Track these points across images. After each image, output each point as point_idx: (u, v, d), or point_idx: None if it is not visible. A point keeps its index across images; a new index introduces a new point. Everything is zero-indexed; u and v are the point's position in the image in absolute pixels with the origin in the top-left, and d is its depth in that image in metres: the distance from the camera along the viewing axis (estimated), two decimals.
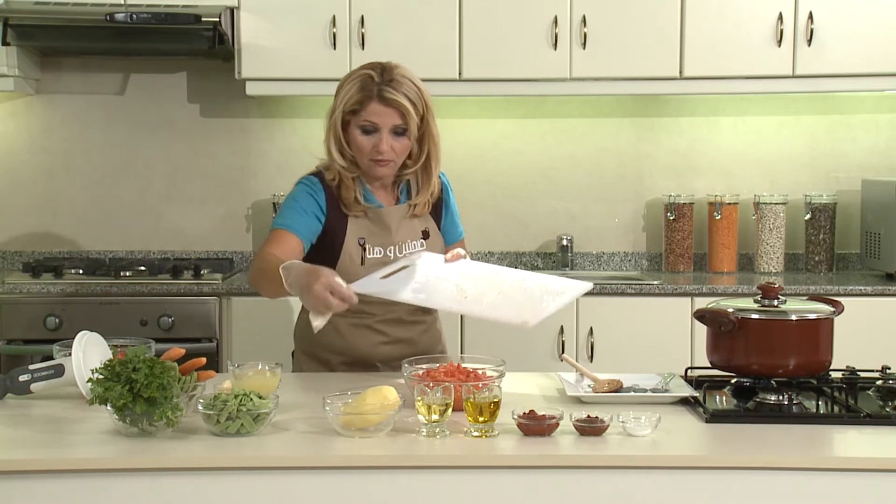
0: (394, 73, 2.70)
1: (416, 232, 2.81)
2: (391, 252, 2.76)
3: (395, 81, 2.68)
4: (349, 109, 2.68)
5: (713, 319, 2.44)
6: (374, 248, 2.75)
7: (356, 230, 2.75)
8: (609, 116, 4.64)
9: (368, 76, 2.68)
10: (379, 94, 2.65)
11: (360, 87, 2.67)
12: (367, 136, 2.68)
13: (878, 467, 2.05)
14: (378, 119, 2.66)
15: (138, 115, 4.63)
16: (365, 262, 2.74)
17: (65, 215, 4.64)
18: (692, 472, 2.07)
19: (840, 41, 4.17)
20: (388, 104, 2.66)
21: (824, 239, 4.48)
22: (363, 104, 2.66)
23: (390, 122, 2.67)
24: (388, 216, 2.77)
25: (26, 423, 2.28)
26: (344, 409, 2.17)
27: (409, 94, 2.68)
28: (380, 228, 2.76)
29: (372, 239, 2.76)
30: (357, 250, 2.74)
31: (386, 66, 2.71)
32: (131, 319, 3.98)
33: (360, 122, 2.68)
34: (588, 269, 4.62)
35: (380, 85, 2.66)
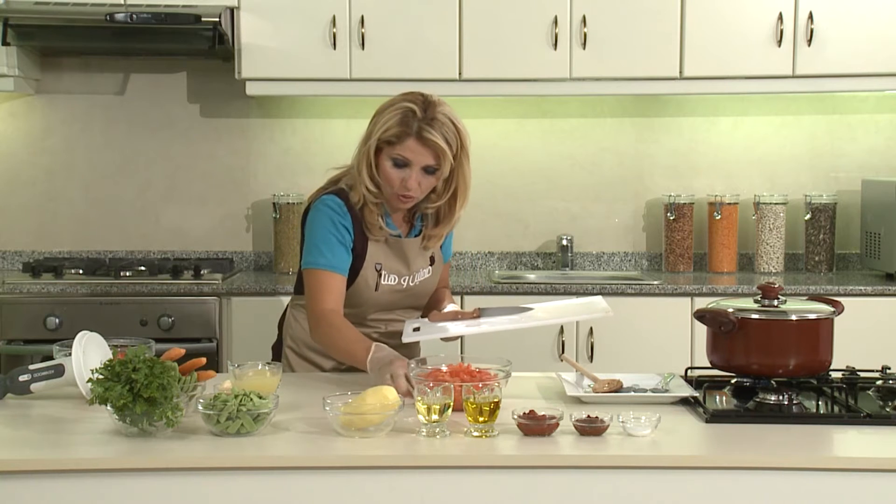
0: (436, 111, 2.63)
1: (426, 259, 2.83)
2: (405, 281, 2.77)
3: (437, 121, 2.62)
4: (385, 139, 2.64)
5: (713, 319, 2.44)
6: (389, 276, 2.75)
7: (374, 255, 2.74)
8: (609, 116, 4.64)
9: (411, 110, 2.62)
10: (418, 131, 2.61)
11: (401, 121, 2.62)
12: (397, 168, 2.64)
13: (878, 467, 2.05)
14: (412, 156, 2.62)
15: (138, 115, 4.63)
16: (379, 287, 2.74)
17: (65, 215, 4.64)
18: (692, 473, 2.06)
19: (840, 41, 4.17)
20: (426, 144, 2.61)
21: (824, 239, 4.48)
22: (400, 138, 2.62)
23: (423, 161, 2.63)
24: (407, 247, 2.77)
25: (26, 423, 2.28)
26: (344, 409, 2.17)
27: (447, 135, 2.63)
28: (398, 257, 2.76)
29: (388, 266, 2.75)
30: (373, 275, 2.73)
31: (429, 102, 2.65)
32: (131, 319, 3.98)
33: (393, 153, 2.63)
34: (588, 269, 4.62)
35: (420, 122, 2.61)
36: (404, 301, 2.81)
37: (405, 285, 2.77)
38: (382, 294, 2.75)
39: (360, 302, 2.75)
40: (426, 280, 2.83)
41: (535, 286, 4.09)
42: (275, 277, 4.34)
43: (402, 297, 2.80)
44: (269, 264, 4.61)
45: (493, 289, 4.07)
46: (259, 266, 4.63)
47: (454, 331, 2.63)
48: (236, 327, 4.04)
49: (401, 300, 2.80)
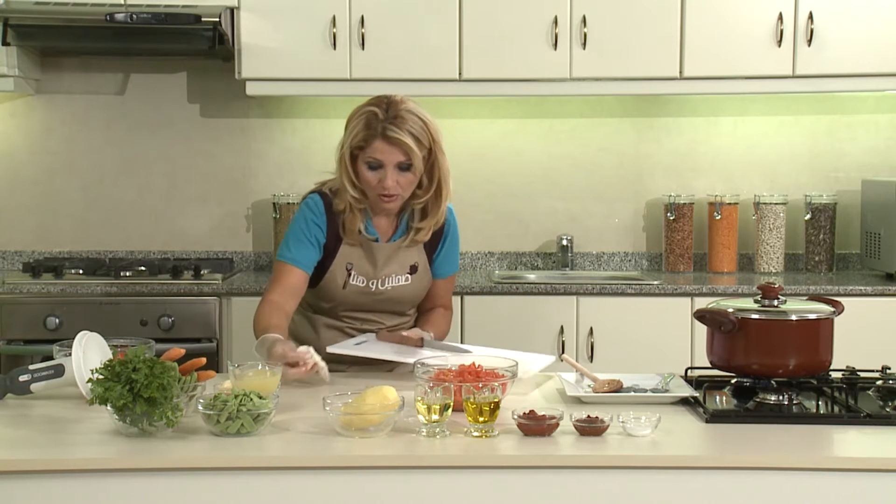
0: (399, 108, 2.71)
1: (404, 266, 2.86)
2: (373, 284, 2.83)
3: (400, 118, 2.70)
4: (356, 145, 2.73)
5: (713, 319, 2.44)
6: (358, 276, 2.82)
7: (346, 255, 2.82)
8: (609, 116, 4.64)
9: (373, 113, 2.71)
10: (383, 132, 2.69)
11: (366, 125, 2.71)
12: (372, 171, 2.73)
13: (878, 467, 2.05)
14: (382, 156, 2.71)
15: (138, 116, 4.63)
16: (347, 286, 2.81)
17: (65, 215, 4.64)
18: (692, 473, 2.07)
19: (840, 41, 4.17)
20: (392, 142, 2.69)
21: (824, 239, 4.48)
22: (368, 141, 2.71)
23: (394, 160, 2.71)
24: (378, 251, 2.83)
25: (26, 424, 2.28)
26: (344, 409, 2.17)
27: (413, 130, 2.71)
28: (368, 260, 2.83)
29: (358, 267, 2.82)
30: (342, 274, 2.81)
31: (391, 102, 2.73)
32: (131, 319, 3.98)
33: (365, 157, 2.72)
34: (588, 269, 4.62)
35: (384, 122, 2.69)
36: (375, 305, 2.86)
37: (373, 288, 2.83)
38: (350, 293, 2.82)
39: (331, 297, 2.83)
40: (402, 287, 2.86)
41: (535, 286, 4.09)
42: None
43: (372, 301, 2.85)
44: (269, 264, 4.60)
45: (493, 289, 4.07)
46: (259, 266, 4.63)
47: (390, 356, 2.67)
48: (236, 327, 4.04)
49: (371, 303, 2.86)
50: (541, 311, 4.07)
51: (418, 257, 2.88)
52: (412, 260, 2.87)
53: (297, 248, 2.79)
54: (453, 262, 2.97)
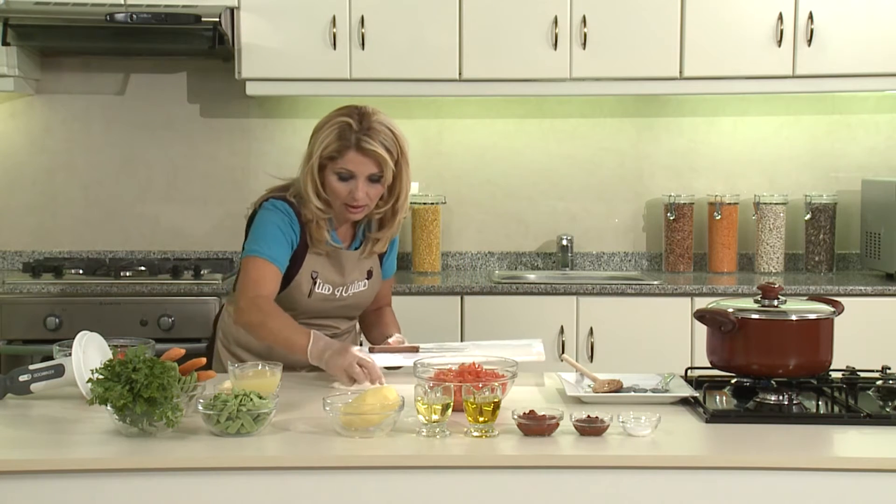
0: (371, 120, 2.70)
1: (363, 272, 2.88)
2: (338, 292, 2.83)
3: (373, 130, 2.69)
4: (327, 155, 2.70)
5: (713, 319, 2.44)
6: (323, 285, 2.81)
7: (312, 263, 2.80)
8: (609, 116, 4.64)
9: (347, 124, 2.69)
10: (357, 143, 2.68)
11: (339, 136, 2.69)
12: (343, 182, 2.71)
13: (878, 467, 2.05)
14: (355, 168, 2.69)
15: (138, 116, 4.63)
16: (312, 295, 2.80)
17: (65, 215, 4.64)
18: (692, 473, 2.07)
19: (840, 41, 4.17)
20: (366, 154, 2.68)
21: (824, 239, 4.48)
22: (341, 152, 2.69)
23: (367, 171, 2.70)
24: (345, 259, 2.83)
25: (26, 424, 2.28)
26: (344, 409, 2.17)
27: (385, 142, 2.70)
28: (335, 268, 2.82)
29: (324, 275, 2.81)
30: (308, 282, 2.80)
31: (364, 113, 2.71)
32: (131, 319, 3.98)
33: (336, 168, 2.70)
34: (588, 269, 4.62)
35: (358, 133, 2.68)
36: (336, 311, 2.88)
37: (338, 295, 2.84)
38: (314, 301, 2.82)
39: (292, 307, 2.79)
40: (360, 293, 2.88)
41: (535, 286, 4.10)
42: None
43: (333, 307, 2.86)
44: None
45: (493, 289, 4.07)
46: None
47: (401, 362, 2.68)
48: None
49: (332, 310, 2.86)
50: (541, 311, 4.07)
51: (373, 263, 2.91)
52: (368, 266, 2.89)
53: (275, 246, 2.73)
54: (394, 263, 3.02)
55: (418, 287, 4.10)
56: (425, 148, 4.61)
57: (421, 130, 4.62)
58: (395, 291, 3.19)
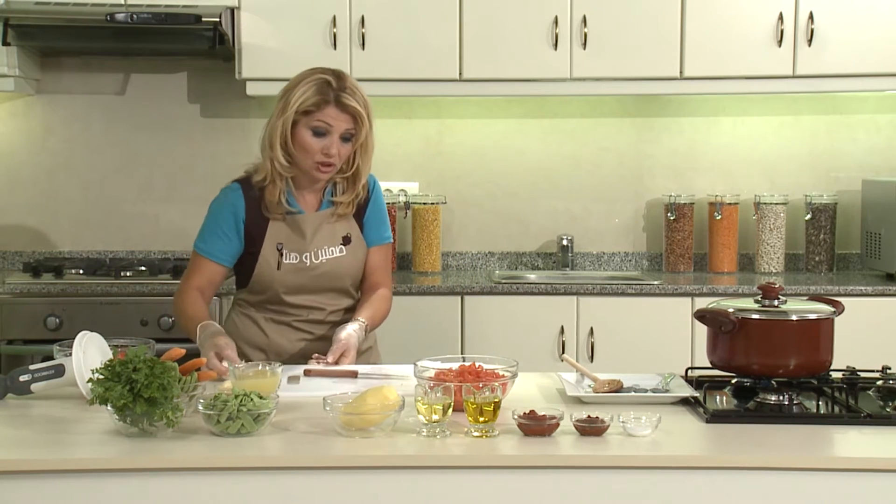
0: (348, 81, 2.77)
1: (335, 237, 2.86)
2: (307, 258, 2.83)
3: (350, 89, 2.75)
4: (303, 110, 2.73)
5: (713, 319, 2.44)
6: (290, 254, 2.82)
7: (274, 235, 2.82)
8: (609, 116, 4.64)
9: (325, 81, 2.74)
10: (336, 98, 2.73)
11: (318, 90, 2.73)
12: (317, 137, 2.74)
13: (878, 467, 2.05)
14: (333, 122, 2.73)
15: (139, 116, 4.63)
16: (281, 266, 2.81)
17: (65, 215, 4.64)
18: (693, 473, 2.06)
19: (840, 41, 4.17)
20: (345, 110, 2.73)
21: (825, 239, 4.48)
22: (319, 106, 2.73)
23: (343, 127, 2.74)
24: (305, 223, 2.83)
25: (27, 424, 2.28)
26: (344, 409, 2.17)
27: (360, 102, 2.75)
28: (297, 234, 2.83)
29: (289, 244, 2.82)
30: (274, 255, 2.81)
31: (340, 74, 2.78)
32: (132, 319, 3.98)
33: (312, 122, 2.73)
34: (588, 269, 4.62)
35: (337, 91, 2.73)
36: (314, 284, 2.84)
37: (308, 263, 2.82)
38: (286, 274, 2.81)
39: (267, 284, 2.83)
40: (337, 260, 2.85)
41: (535, 286, 4.09)
42: None
43: (310, 278, 2.83)
44: None
45: (493, 289, 4.07)
46: None
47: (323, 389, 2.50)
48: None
49: (311, 281, 2.83)
50: (541, 312, 4.07)
51: (350, 228, 2.88)
52: (343, 231, 2.87)
53: (210, 239, 2.86)
54: (382, 228, 2.95)
55: (418, 287, 4.10)
56: (425, 148, 4.61)
57: (421, 130, 4.62)
58: (395, 292, 3.17)
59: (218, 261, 2.86)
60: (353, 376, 2.64)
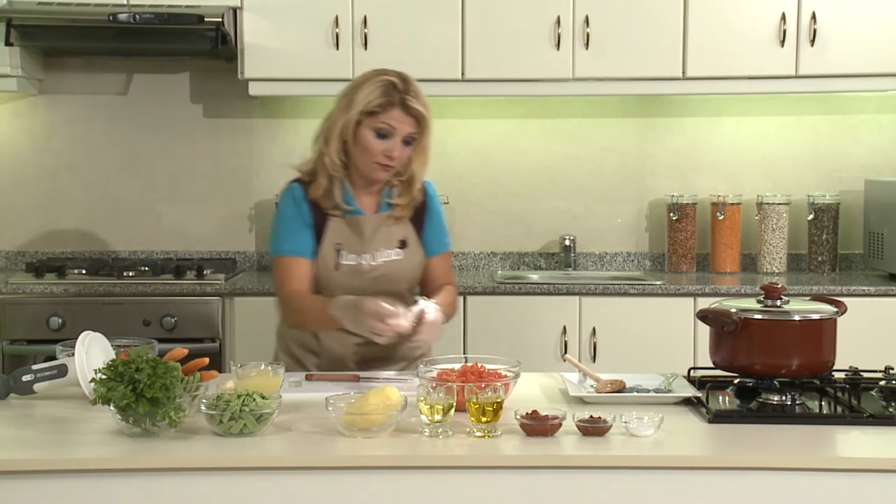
0: (412, 84, 2.75)
1: (392, 240, 2.84)
2: (365, 260, 2.80)
3: (415, 92, 2.74)
4: (367, 111, 2.71)
5: (716, 320, 2.44)
6: (348, 255, 2.80)
7: (333, 235, 2.80)
8: (612, 116, 4.64)
9: (391, 83, 2.72)
10: (402, 101, 2.71)
11: (384, 92, 2.71)
12: (380, 139, 2.72)
13: (880, 468, 2.05)
14: (397, 125, 2.71)
15: (141, 116, 4.63)
16: (339, 267, 2.79)
17: (68, 215, 4.64)
18: (695, 473, 2.07)
19: (843, 41, 4.17)
20: (409, 112, 2.71)
21: (827, 239, 4.48)
22: (385, 108, 2.71)
23: (406, 130, 2.72)
24: (364, 224, 2.81)
25: (29, 424, 2.29)
26: (347, 409, 2.17)
27: (424, 106, 2.74)
28: (355, 235, 2.81)
29: (348, 245, 2.80)
30: (332, 255, 2.79)
31: (405, 77, 2.76)
32: (134, 320, 3.98)
33: (376, 124, 2.71)
34: (591, 269, 4.62)
35: (402, 94, 2.71)
36: (372, 285, 2.78)
37: (365, 265, 2.79)
38: (344, 275, 2.78)
39: (323, 285, 2.79)
40: (395, 263, 2.83)
41: (537, 286, 4.09)
42: None
43: (367, 281, 2.79)
44: None
45: (495, 289, 4.07)
46: (262, 266, 4.63)
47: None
48: (239, 327, 4.04)
49: (367, 284, 2.78)
50: (543, 312, 4.07)
51: (406, 232, 2.86)
52: (400, 235, 2.85)
53: (291, 237, 2.78)
54: (442, 237, 2.94)
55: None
56: None
57: None
58: None
59: (306, 256, 2.77)
60: (354, 380, 2.65)
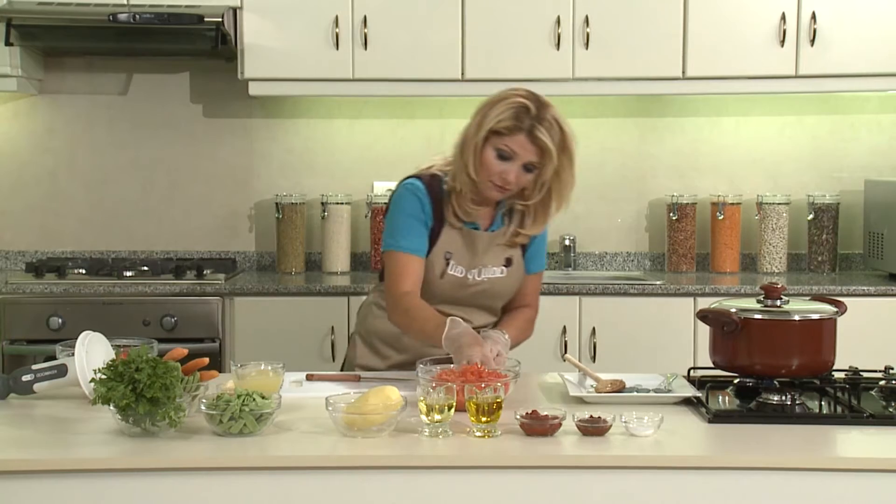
0: (548, 111, 2.67)
1: (499, 258, 2.80)
2: (472, 275, 2.77)
3: (548, 122, 2.66)
4: (495, 129, 2.65)
5: (716, 319, 2.44)
6: (456, 266, 2.76)
7: (446, 243, 2.75)
8: (612, 116, 4.64)
9: (524, 106, 2.64)
10: (530, 128, 2.64)
11: (514, 115, 2.64)
12: (500, 160, 2.66)
13: (880, 468, 2.05)
14: (519, 150, 2.65)
15: (141, 116, 4.63)
16: (444, 276, 2.75)
17: (68, 215, 4.64)
18: (695, 473, 2.06)
19: (843, 41, 4.17)
20: (534, 142, 2.64)
21: (827, 239, 4.48)
22: (511, 131, 2.64)
23: (527, 158, 2.66)
24: (478, 239, 2.77)
25: (29, 424, 2.28)
26: (346, 409, 2.17)
27: (554, 138, 2.67)
28: (467, 248, 2.77)
29: (457, 256, 2.76)
30: (440, 263, 2.75)
31: (542, 102, 2.68)
32: (134, 319, 3.98)
33: (500, 144, 2.65)
34: (591, 269, 4.62)
35: (533, 120, 2.64)
36: (471, 298, 2.78)
37: (470, 279, 2.77)
38: (446, 284, 2.75)
39: (426, 289, 2.75)
40: (497, 280, 2.80)
41: None
42: (277, 277, 4.34)
43: (468, 294, 2.78)
44: (271, 264, 4.61)
45: None
46: (262, 266, 4.64)
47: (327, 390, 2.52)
48: (239, 327, 4.04)
49: (467, 296, 2.78)
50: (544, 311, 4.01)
51: (513, 251, 2.83)
52: (507, 253, 2.81)
53: (410, 234, 2.72)
54: (541, 257, 2.92)
55: None
56: (428, 148, 4.60)
57: (423, 130, 4.62)
58: None
59: (421, 256, 2.72)
60: (355, 380, 2.65)
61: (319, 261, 4.55)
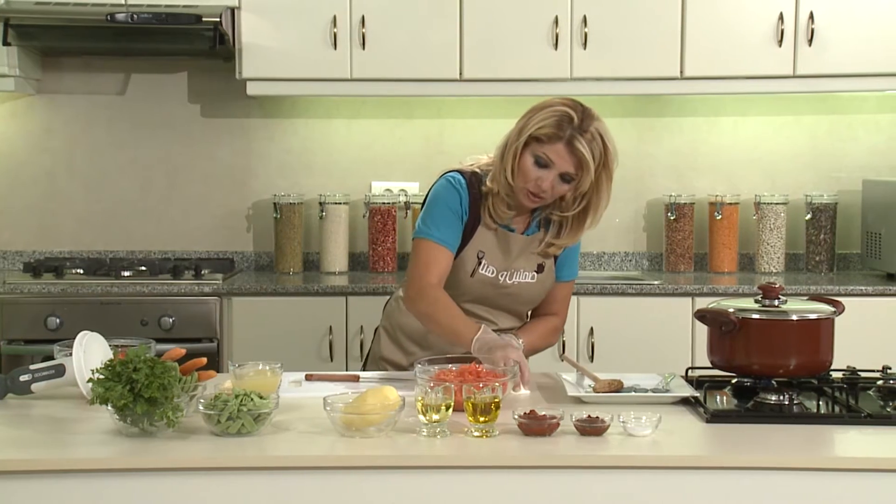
0: (591, 124, 2.66)
1: (531, 264, 2.79)
2: (502, 277, 2.76)
3: (589, 134, 2.64)
4: (536, 136, 2.64)
5: (714, 319, 2.44)
6: (488, 266, 2.75)
7: (479, 242, 2.75)
8: (610, 116, 4.56)
9: (568, 115, 2.63)
10: (570, 138, 2.62)
11: (556, 123, 2.63)
12: (537, 167, 2.65)
13: (878, 467, 2.05)
14: (557, 160, 2.63)
15: (139, 116, 4.63)
16: (475, 275, 2.74)
17: (65, 215, 4.64)
18: (693, 473, 2.07)
19: (841, 41, 4.17)
20: (573, 152, 2.63)
21: (825, 239, 4.48)
22: (551, 139, 2.63)
23: (564, 168, 2.64)
24: (513, 242, 2.76)
25: (27, 424, 2.28)
26: (344, 409, 2.17)
27: (594, 151, 2.65)
28: (501, 250, 2.76)
29: (490, 256, 2.75)
30: (472, 261, 2.74)
31: (587, 113, 2.67)
32: (132, 319, 3.98)
33: (538, 151, 2.64)
34: (589, 268, 4.62)
35: (574, 130, 2.63)
36: (499, 300, 2.78)
37: (501, 281, 2.76)
38: (476, 283, 2.74)
39: (456, 285, 2.74)
40: (527, 285, 2.79)
41: None
42: (275, 277, 4.34)
43: (496, 295, 2.77)
44: (269, 264, 4.61)
45: None
46: (260, 266, 4.64)
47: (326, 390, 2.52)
48: (237, 327, 4.04)
49: (495, 297, 2.77)
50: None
51: (546, 258, 2.81)
52: (540, 259, 2.80)
53: (445, 226, 2.70)
54: (573, 266, 2.91)
55: None
56: (426, 148, 4.61)
57: (421, 130, 4.62)
58: None
59: (450, 247, 2.70)
60: (355, 380, 2.65)
61: (317, 261, 4.55)
